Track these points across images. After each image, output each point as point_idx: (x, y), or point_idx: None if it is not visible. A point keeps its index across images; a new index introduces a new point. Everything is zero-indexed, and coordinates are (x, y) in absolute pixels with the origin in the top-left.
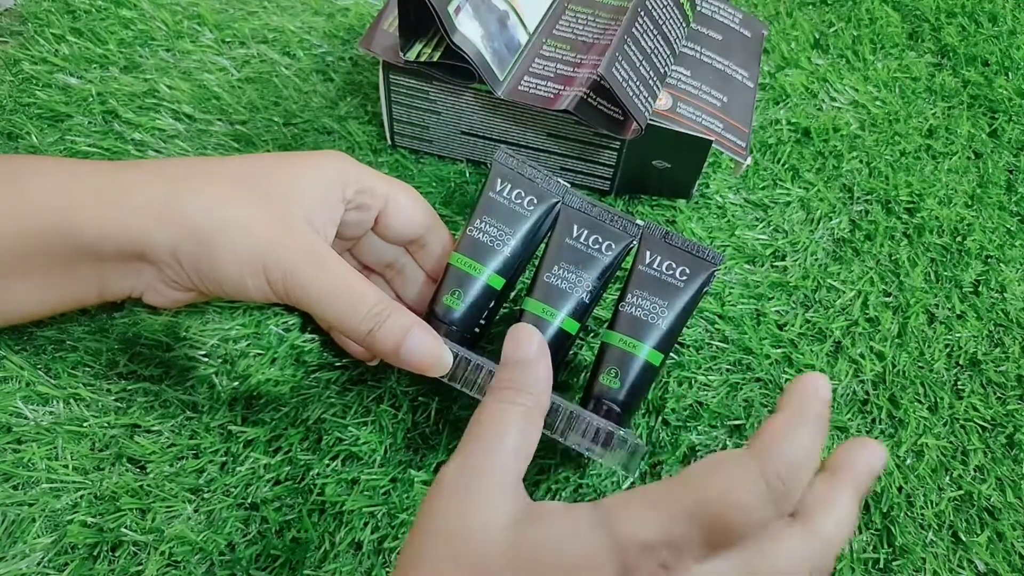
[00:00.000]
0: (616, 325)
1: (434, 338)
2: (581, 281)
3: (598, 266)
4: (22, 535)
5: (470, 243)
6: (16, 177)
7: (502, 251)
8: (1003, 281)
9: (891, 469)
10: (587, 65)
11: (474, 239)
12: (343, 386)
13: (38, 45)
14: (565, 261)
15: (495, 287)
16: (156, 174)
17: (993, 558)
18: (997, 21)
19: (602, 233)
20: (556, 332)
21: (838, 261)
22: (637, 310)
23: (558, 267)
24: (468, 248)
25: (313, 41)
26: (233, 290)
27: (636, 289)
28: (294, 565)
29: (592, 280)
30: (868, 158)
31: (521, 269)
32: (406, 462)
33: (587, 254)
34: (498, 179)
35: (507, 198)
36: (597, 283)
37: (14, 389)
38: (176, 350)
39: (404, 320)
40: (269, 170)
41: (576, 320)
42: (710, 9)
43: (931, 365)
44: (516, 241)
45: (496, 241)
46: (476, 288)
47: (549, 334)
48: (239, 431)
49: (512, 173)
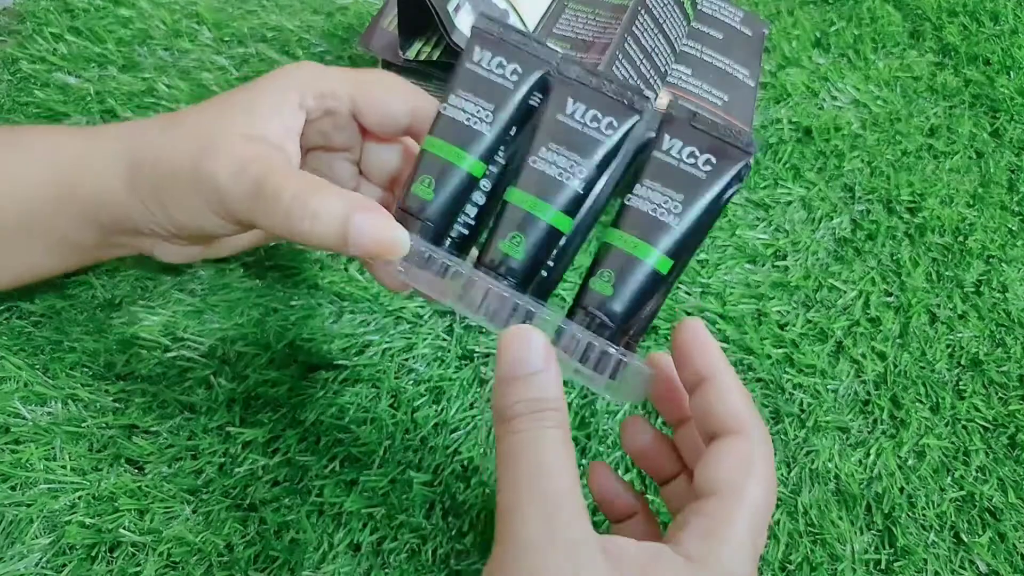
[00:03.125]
0: (620, 222)
1: (382, 215)
2: (575, 167)
3: (598, 149)
4: (20, 536)
5: (445, 124)
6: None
7: (482, 131)
8: (1005, 281)
9: (893, 470)
10: (587, 63)
11: (449, 119)
12: (341, 386)
13: (36, 44)
14: (556, 142)
15: (475, 174)
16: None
17: (995, 559)
18: (999, 20)
19: (603, 108)
20: (545, 230)
21: (839, 261)
22: (646, 204)
23: (547, 149)
24: (443, 130)
25: (312, 40)
26: (199, 231)
27: (647, 179)
28: (292, 566)
29: (590, 167)
30: (869, 157)
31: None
32: (405, 463)
33: (584, 134)
34: (476, 46)
35: (487, 68)
36: (595, 172)
37: (12, 389)
38: (174, 350)
39: (338, 202)
40: (215, 105)
41: (568, 215)
42: (711, 8)
43: (933, 365)
44: (500, 119)
45: (475, 120)
46: (454, 177)
47: (537, 233)
48: (237, 432)
49: (493, 39)
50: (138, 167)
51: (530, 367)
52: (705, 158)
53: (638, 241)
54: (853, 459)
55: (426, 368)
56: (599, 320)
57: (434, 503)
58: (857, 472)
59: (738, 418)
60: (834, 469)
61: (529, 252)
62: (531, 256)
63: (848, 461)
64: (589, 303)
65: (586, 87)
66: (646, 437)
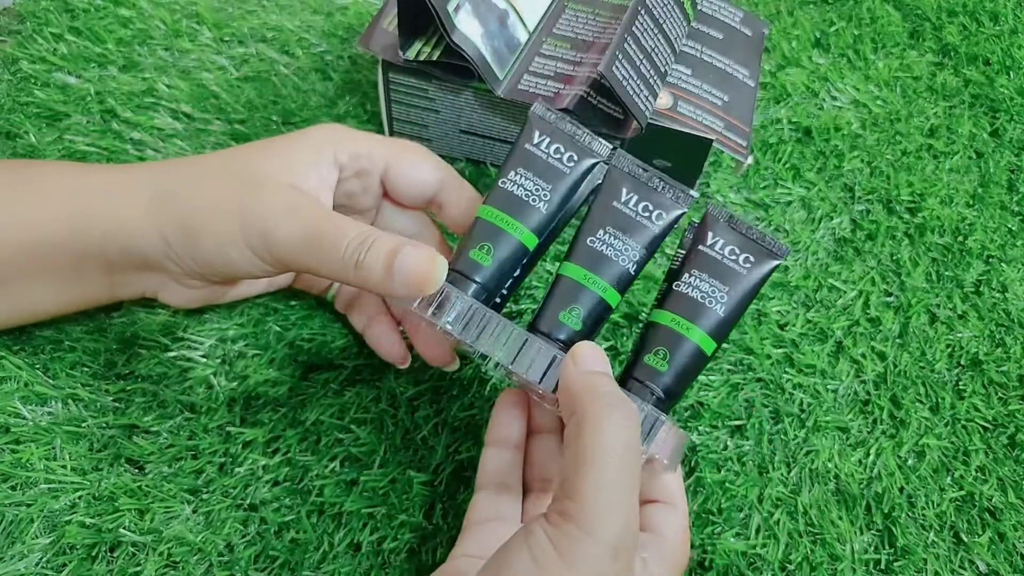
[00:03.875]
0: (669, 304)
1: (427, 249)
2: (628, 249)
3: (646, 235)
4: (20, 535)
5: (503, 196)
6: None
7: (538, 207)
8: (1005, 281)
9: (892, 470)
10: (587, 64)
11: (508, 192)
12: (342, 387)
13: (36, 44)
14: (612, 226)
15: (528, 246)
16: (147, 173)
17: (995, 559)
18: (998, 20)
19: (652, 200)
20: (597, 302)
21: (839, 261)
22: (695, 291)
23: (603, 231)
24: (500, 201)
25: (312, 40)
26: (225, 268)
27: (695, 269)
28: (293, 566)
29: (639, 249)
30: (869, 157)
31: (555, 233)
32: (405, 463)
33: (636, 221)
34: (536, 131)
35: (545, 152)
36: (644, 253)
37: (12, 389)
38: (174, 350)
39: (391, 241)
40: (254, 150)
41: (618, 292)
42: (711, 8)
43: (932, 365)
44: (555, 199)
45: (532, 196)
46: (508, 245)
47: (589, 303)
48: (237, 432)
49: (550, 127)
50: (165, 198)
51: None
52: (745, 256)
53: (686, 322)
54: (853, 459)
55: (426, 368)
56: (652, 392)
57: (434, 503)
58: (857, 472)
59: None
60: (834, 469)
61: (586, 323)
62: (587, 327)
63: (848, 461)
64: (643, 376)
65: (639, 180)
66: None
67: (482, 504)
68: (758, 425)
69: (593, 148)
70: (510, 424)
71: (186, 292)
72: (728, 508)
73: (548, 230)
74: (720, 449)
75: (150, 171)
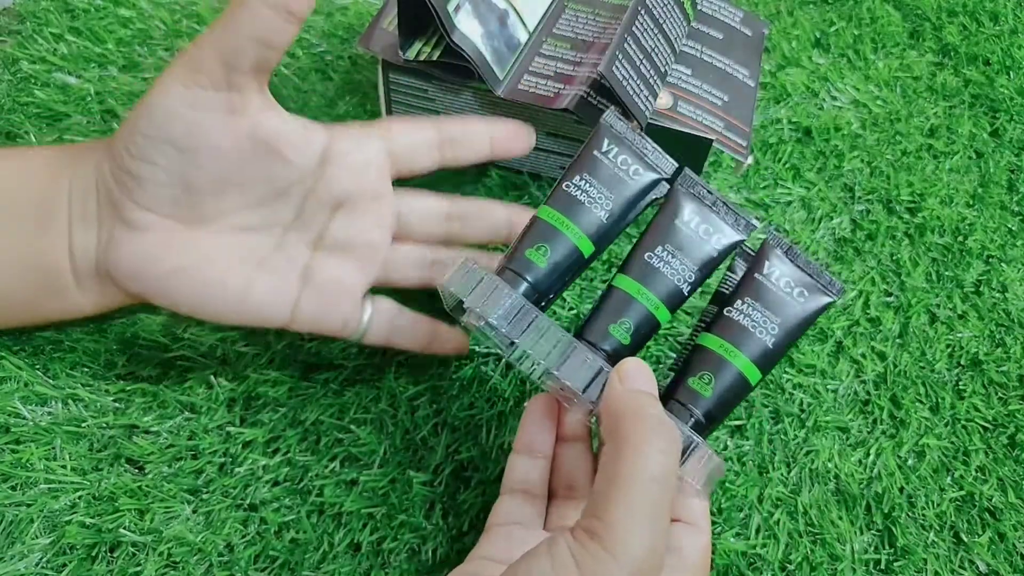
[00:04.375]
0: (718, 329)
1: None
2: (683, 268)
3: (703, 256)
4: (20, 535)
5: (564, 198)
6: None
7: (598, 214)
8: (1005, 281)
9: (892, 470)
10: (587, 64)
11: (569, 195)
12: (342, 387)
13: (36, 44)
14: (671, 243)
15: (583, 252)
16: None
17: (995, 559)
18: (998, 20)
19: (713, 223)
20: (647, 317)
21: (839, 261)
22: (746, 319)
23: (662, 248)
24: (561, 202)
25: (312, 40)
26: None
27: (748, 297)
28: (293, 566)
29: (695, 270)
30: (869, 157)
31: (609, 241)
32: (405, 463)
33: (695, 241)
34: (605, 139)
35: (612, 160)
36: (699, 275)
37: (12, 389)
38: (174, 351)
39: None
40: None
41: (669, 310)
42: (711, 8)
43: (932, 365)
44: (616, 209)
45: (594, 203)
46: (564, 247)
47: (639, 317)
48: (237, 432)
49: (619, 137)
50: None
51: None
52: (800, 290)
53: (734, 348)
54: (853, 459)
55: (426, 368)
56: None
57: (434, 503)
58: (857, 472)
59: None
60: (834, 469)
61: (634, 338)
62: (635, 342)
63: (848, 461)
64: (685, 399)
65: (703, 202)
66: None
67: (506, 508)
68: (758, 425)
69: (659, 164)
70: (540, 434)
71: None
72: (728, 508)
73: (604, 239)
74: (720, 449)
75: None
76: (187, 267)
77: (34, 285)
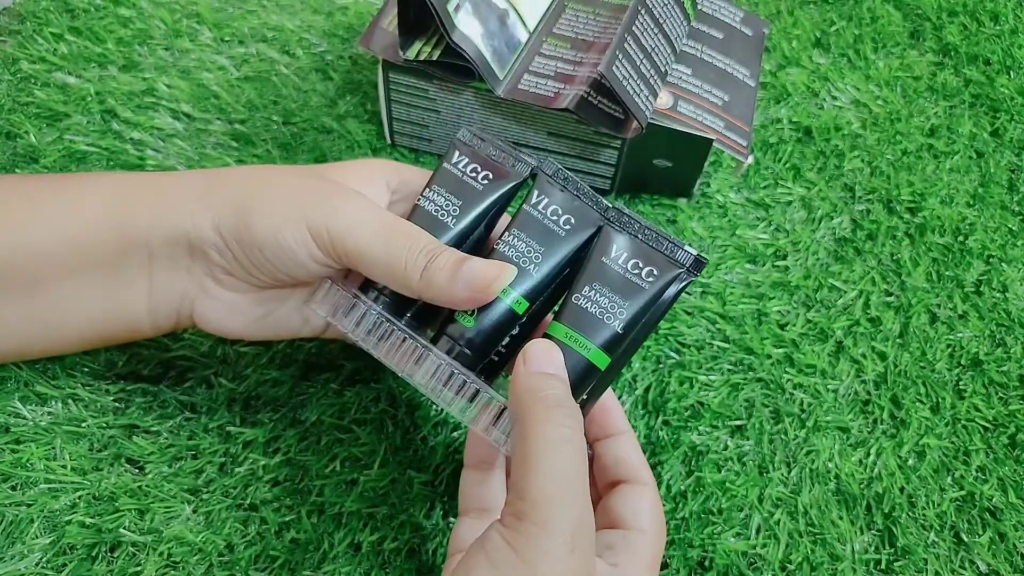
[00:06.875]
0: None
1: (494, 262)
2: (615, 308)
3: (638, 296)
4: (20, 535)
5: (496, 257)
6: (69, 183)
7: (529, 271)
8: (1005, 281)
9: (893, 470)
10: (587, 63)
11: (500, 253)
12: (342, 387)
13: (36, 44)
14: (599, 283)
15: (517, 311)
16: (199, 172)
17: (995, 559)
18: (999, 20)
19: (644, 258)
20: (583, 365)
21: (840, 261)
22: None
23: (590, 288)
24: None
25: (312, 40)
26: (274, 254)
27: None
28: (293, 566)
29: (629, 311)
30: (870, 157)
31: (553, 298)
32: (405, 463)
33: (626, 279)
34: (535, 191)
35: (542, 213)
36: (636, 315)
37: (12, 389)
38: (174, 351)
39: (459, 254)
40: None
41: (606, 354)
42: (711, 7)
43: (933, 365)
44: (548, 265)
45: (525, 259)
46: (496, 310)
47: (573, 365)
48: (237, 432)
49: (552, 188)
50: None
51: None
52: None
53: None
54: (853, 459)
55: None
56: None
57: (434, 503)
58: (857, 472)
59: (645, 469)
60: (834, 469)
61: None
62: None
63: (848, 461)
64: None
65: (635, 237)
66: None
67: (464, 532)
68: (758, 425)
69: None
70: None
71: (223, 305)
72: (728, 508)
73: (543, 292)
74: (720, 449)
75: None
76: (268, 314)
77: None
